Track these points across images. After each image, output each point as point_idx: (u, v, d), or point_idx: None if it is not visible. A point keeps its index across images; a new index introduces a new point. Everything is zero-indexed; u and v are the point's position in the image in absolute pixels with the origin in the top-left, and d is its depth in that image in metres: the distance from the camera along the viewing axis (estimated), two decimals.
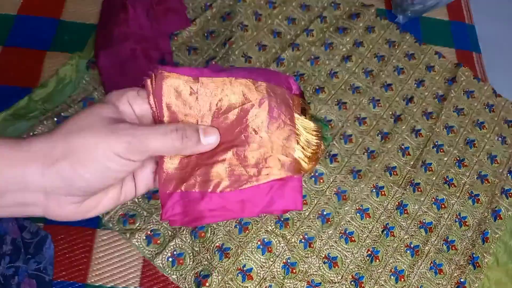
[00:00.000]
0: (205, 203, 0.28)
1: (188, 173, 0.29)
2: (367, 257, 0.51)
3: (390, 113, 0.62)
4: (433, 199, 0.56)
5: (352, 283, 0.49)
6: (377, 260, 0.51)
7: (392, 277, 0.51)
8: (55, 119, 0.51)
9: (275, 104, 0.29)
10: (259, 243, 0.49)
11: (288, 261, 0.49)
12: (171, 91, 0.28)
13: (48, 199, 0.25)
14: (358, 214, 0.53)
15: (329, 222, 0.52)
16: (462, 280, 0.52)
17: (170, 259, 0.46)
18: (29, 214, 0.26)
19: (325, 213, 0.52)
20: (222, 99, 0.28)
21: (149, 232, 0.47)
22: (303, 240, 0.50)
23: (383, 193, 0.55)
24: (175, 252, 0.47)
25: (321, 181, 0.54)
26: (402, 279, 0.51)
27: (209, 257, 0.47)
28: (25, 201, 0.25)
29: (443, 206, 0.56)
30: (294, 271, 0.48)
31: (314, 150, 0.30)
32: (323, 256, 0.50)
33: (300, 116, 0.31)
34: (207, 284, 0.45)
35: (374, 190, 0.55)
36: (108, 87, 0.53)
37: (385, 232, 0.53)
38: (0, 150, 0.24)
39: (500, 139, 0.63)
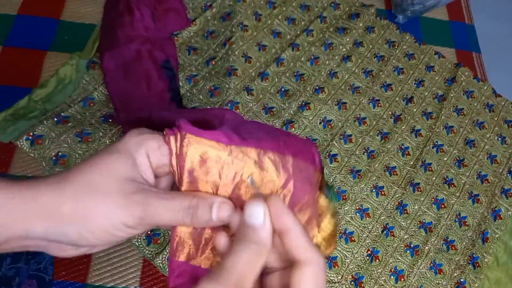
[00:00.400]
0: None
1: (203, 245, 0.28)
2: (367, 257, 0.51)
3: (390, 113, 0.62)
4: (433, 199, 0.56)
5: (352, 283, 0.49)
6: (377, 260, 0.51)
7: (392, 277, 0.51)
8: (55, 119, 0.51)
9: (300, 184, 0.28)
10: None
11: None
12: (196, 157, 0.26)
13: (49, 244, 0.25)
14: (358, 214, 0.53)
15: None
16: (462, 280, 0.52)
17: None
18: (28, 250, 0.26)
19: None
20: (248, 171, 0.27)
21: (149, 232, 0.47)
22: None
23: (383, 193, 0.55)
24: None
25: None
26: (402, 279, 0.51)
27: None
28: (25, 245, 0.25)
29: (443, 206, 0.56)
30: None
31: (332, 232, 0.29)
32: None
33: (321, 195, 0.29)
34: None
35: (374, 190, 0.55)
36: (112, 88, 0.53)
37: (385, 232, 0.53)
38: (3, 201, 0.23)
39: (500, 139, 0.63)
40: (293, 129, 0.57)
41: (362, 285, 0.49)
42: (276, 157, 0.28)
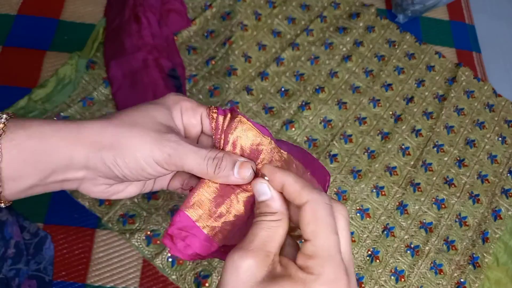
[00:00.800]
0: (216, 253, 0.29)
1: (216, 216, 0.29)
2: (367, 257, 0.51)
3: (390, 113, 0.62)
4: (433, 199, 0.56)
5: None
6: (377, 260, 0.51)
7: (392, 277, 0.51)
8: (55, 119, 0.51)
9: None
10: None
11: None
12: (243, 135, 0.29)
13: (85, 177, 0.28)
14: (358, 214, 0.53)
15: None
16: (462, 280, 0.52)
17: (170, 259, 0.46)
18: (65, 189, 0.28)
19: None
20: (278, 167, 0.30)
21: (148, 232, 0.47)
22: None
23: (383, 193, 0.55)
24: None
25: None
26: (402, 279, 0.51)
27: None
28: (66, 177, 0.27)
29: (443, 206, 0.56)
30: None
31: None
32: None
33: None
34: (207, 284, 0.45)
35: (374, 190, 0.55)
36: (119, 98, 0.53)
37: (385, 232, 0.53)
38: (50, 134, 0.26)
39: (500, 139, 0.63)
40: (293, 129, 0.57)
41: (363, 285, 0.49)
42: (300, 168, 0.30)
